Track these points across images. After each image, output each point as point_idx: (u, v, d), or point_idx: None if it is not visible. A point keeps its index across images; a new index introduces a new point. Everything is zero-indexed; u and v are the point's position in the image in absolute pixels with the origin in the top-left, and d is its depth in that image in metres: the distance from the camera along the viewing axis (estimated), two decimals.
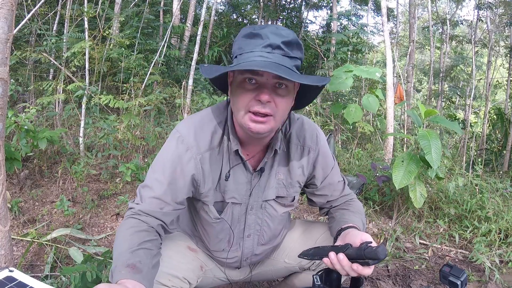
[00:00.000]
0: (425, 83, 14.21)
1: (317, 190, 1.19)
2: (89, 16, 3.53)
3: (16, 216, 2.28)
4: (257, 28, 0.90)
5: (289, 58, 0.89)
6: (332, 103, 5.41)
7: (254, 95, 0.89)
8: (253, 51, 0.88)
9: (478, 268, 2.07)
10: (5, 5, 1.26)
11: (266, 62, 0.86)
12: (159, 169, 1.01)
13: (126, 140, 3.40)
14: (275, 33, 0.88)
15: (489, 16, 7.77)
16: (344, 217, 1.10)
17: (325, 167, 1.15)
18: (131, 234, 0.91)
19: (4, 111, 1.34)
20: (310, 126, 1.12)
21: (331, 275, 1.01)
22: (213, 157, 1.03)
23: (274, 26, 0.90)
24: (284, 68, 0.86)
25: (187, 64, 6.87)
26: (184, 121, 1.06)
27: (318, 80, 0.89)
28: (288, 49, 0.89)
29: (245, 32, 0.91)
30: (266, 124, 0.91)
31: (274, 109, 0.90)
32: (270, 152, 1.05)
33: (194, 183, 1.03)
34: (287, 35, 0.89)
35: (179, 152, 0.99)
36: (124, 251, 0.87)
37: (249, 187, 1.08)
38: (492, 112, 6.75)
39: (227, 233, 1.13)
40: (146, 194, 0.99)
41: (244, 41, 0.91)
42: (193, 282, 1.09)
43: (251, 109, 0.90)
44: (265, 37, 0.88)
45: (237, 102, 0.92)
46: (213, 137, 1.02)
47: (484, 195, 2.62)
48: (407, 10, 9.98)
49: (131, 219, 0.96)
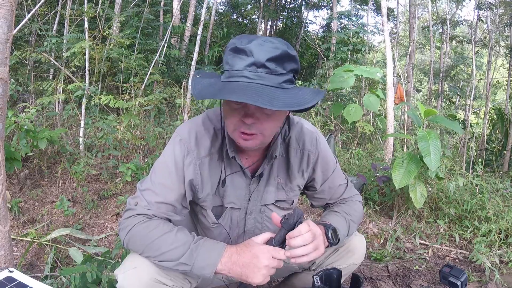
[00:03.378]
0: (425, 83, 14.21)
1: (316, 193, 1.19)
2: (89, 16, 3.53)
3: (16, 216, 2.28)
4: (244, 42, 0.84)
5: (276, 75, 0.83)
6: (332, 103, 5.41)
7: (240, 115, 0.89)
8: (237, 70, 0.84)
9: (478, 268, 2.07)
10: (5, 5, 1.26)
11: (248, 84, 0.82)
12: (163, 172, 1.01)
13: (126, 140, 3.40)
14: (261, 49, 0.82)
15: (489, 16, 7.78)
16: (325, 216, 1.12)
17: (325, 170, 1.15)
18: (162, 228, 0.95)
19: (4, 111, 1.34)
20: (309, 130, 1.12)
21: (331, 275, 1.01)
22: (213, 163, 1.03)
23: (261, 39, 0.84)
24: (268, 89, 0.81)
25: (187, 64, 6.87)
26: (185, 124, 1.06)
27: (306, 101, 0.83)
28: (276, 65, 0.83)
29: (231, 46, 0.86)
30: (254, 140, 0.91)
31: (260, 128, 0.90)
32: (269, 159, 1.05)
33: (192, 188, 1.03)
34: (275, 49, 0.83)
35: (181, 156, 1.00)
36: (180, 239, 0.92)
37: (247, 192, 1.08)
38: (492, 112, 6.75)
39: (225, 237, 1.13)
40: (152, 198, 0.99)
41: (230, 55, 0.86)
42: (193, 282, 1.09)
43: (238, 128, 0.90)
44: (250, 54, 0.82)
45: (227, 119, 0.93)
46: (213, 143, 1.02)
47: (484, 195, 2.62)
48: (407, 10, 9.97)
49: (150, 222, 0.96)
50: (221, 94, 0.81)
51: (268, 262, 0.89)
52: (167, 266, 0.92)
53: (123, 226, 0.98)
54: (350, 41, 7.39)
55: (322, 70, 7.12)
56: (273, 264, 0.90)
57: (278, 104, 0.79)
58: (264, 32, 11.22)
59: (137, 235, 0.94)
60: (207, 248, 0.91)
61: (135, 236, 0.95)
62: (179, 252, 0.90)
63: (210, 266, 0.89)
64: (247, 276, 0.89)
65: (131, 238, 0.95)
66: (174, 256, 0.90)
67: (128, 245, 0.97)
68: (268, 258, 0.89)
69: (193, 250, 0.90)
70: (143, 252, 0.94)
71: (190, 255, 0.90)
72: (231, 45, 0.87)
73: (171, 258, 0.91)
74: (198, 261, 0.90)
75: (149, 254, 0.93)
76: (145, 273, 0.95)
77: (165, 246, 0.91)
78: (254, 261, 0.89)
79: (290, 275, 1.35)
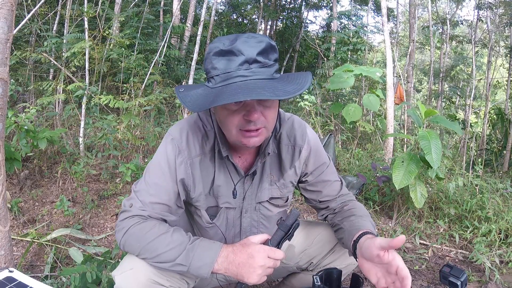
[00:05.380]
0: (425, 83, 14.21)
1: (310, 185, 1.17)
2: (89, 16, 3.53)
3: (16, 216, 2.28)
4: (227, 44, 0.84)
5: (267, 67, 0.85)
6: (332, 103, 5.41)
7: (242, 115, 0.88)
8: (230, 72, 0.83)
9: (478, 268, 2.07)
10: (5, 5, 1.26)
11: (246, 82, 0.82)
12: (157, 172, 1.01)
13: (126, 140, 3.40)
14: (248, 46, 0.83)
15: (489, 16, 7.77)
16: (354, 225, 1.03)
17: (317, 163, 1.14)
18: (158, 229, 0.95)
19: (4, 111, 1.34)
20: (300, 125, 1.12)
21: (331, 275, 1.01)
22: (205, 163, 1.03)
23: (244, 37, 0.85)
24: (266, 82, 0.82)
25: (187, 64, 6.87)
26: (177, 124, 1.06)
27: (298, 86, 0.84)
28: (264, 58, 0.84)
29: (215, 50, 0.85)
30: (259, 136, 0.91)
31: (264, 122, 0.90)
32: (263, 156, 1.05)
33: (184, 188, 1.03)
34: (259, 43, 0.84)
35: (173, 155, 1.00)
36: (176, 240, 0.92)
37: (242, 191, 1.08)
38: (492, 112, 6.75)
39: (221, 237, 1.13)
40: (146, 199, 0.99)
41: (216, 59, 0.85)
42: (191, 282, 1.09)
43: (242, 128, 0.89)
44: (239, 53, 0.82)
45: (226, 123, 0.91)
46: (205, 143, 1.02)
47: (484, 195, 2.62)
48: (407, 10, 9.97)
49: (145, 223, 0.96)
50: (221, 99, 0.79)
51: (264, 262, 0.89)
52: (164, 267, 0.92)
53: (119, 228, 0.98)
54: (350, 41, 7.39)
55: (322, 70, 7.13)
56: (269, 264, 0.90)
57: (282, 93, 0.80)
58: (264, 32, 11.22)
59: (133, 237, 0.94)
60: (203, 248, 0.91)
61: (131, 238, 0.94)
62: (176, 253, 0.90)
63: (207, 266, 0.89)
64: (242, 276, 0.89)
65: (127, 240, 0.95)
66: (171, 257, 0.91)
67: (125, 247, 0.97)
68: (263, 258, 0.89)
69: (190, 251, 0.90)
70: (139, 253, 0.94)
71: (186, 255, 0.90)
72: (213, 49, 0.86)
73: (168, 259, 0.91)
74: (195, 261, 0.90)
75: (145, 256, 0.93)
76: (142, 274, 0.95)
77: (162, 247, 0.91)
78: (250, 261, 0.89)
79: (289, 275, 1.35)
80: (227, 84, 0.83)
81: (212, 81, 0.87)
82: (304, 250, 1.25)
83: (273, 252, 0.91)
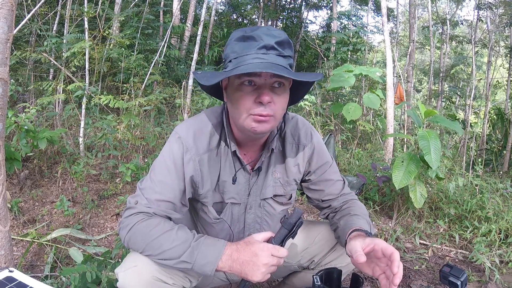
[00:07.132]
0: (425, 83, 14.22)
1: (312, 184, 1.19)
2: (89, 16, 3.53)
3: (16, 216, 2.28)
4: (249, 31, 0.91)
5: (283, 57, 0.90)
6: (332, 103, 5.41)
7: (254, 97, 0.90)
8: (248, 54, 0.89)
9: (478, 268, 2.07)
10: (5, 5, 1.26)
11: (263, 63, 0.87)
12: (163, 170, 1.01)
13: (126, 140, 3.40)
14: (267, 34, 0.89)
15: (489, 16, 7.78)
16: (348, 223, 1.06)
17: (320, 162, 1.16)
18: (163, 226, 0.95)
19: (4, 111, 1.34)
20: (304, 125, 1.14)
21: (331, 275, 1.01)
22: (212, 159, 1.04)
23: (265, 28, 0.91)
24: (281, 67, 0.87)
25: (187, 64, 6.87)
26: (183, 123, 1.08)
27: (313, 76, 0.92)
28: (281, 49, 0.90)
29: (237, 35, 0.92)
30: (268, 123, 0.93)
31: (274, 109, 0.92)
32: (267, 151, 1.07)
33: (193, 185, 1.04)
34: (279, 35, 0.91)
35: (180, 154, 1.01)
36: (181, 237, 0.92)
37: (247, 186, 1.09)
38: (492, 112, 6.75)
39: (227, 233, 1.14)
40: (152, 196, 0.99)
41: (237, 44, 0.91)
42: (194, 280, 1.10)
43: (252, 112, 0.91)
44: (259, 39, 0.89)
45: (237, 105, 0.93)
46: (211, 140, 1.04)
47: (484, 195, 2.62)
48: (407, 10, 9.97)
49: (150, 220, 0.96)
50: (238, 70, 0.84)
51: (268, 260, 0.89)
52: (168, 264, 0.93)
53: (123, 225, 0.98)
54: (350, 41, 7.39)
55: (322, 70, 7.13)
56: (272, 262, 0.90)
57: (296, 76, 0.88)
58: None
59: (137, 234, 0.94)
60: (208, 246, 0.92)
61: (135, 235, 0.95)
62: (180, 250, 0.91)
63: (211, 263, 0.90)
64: (246, 274, 0.89)
65: (131, 237, 0.95)
66: (175, 254, 0.91)
67: (129, 243, 0.97)
68: (267, 256, 0.90)
69: (194, 248, 0.91)
70: (143, 250, 0.94)
71: (191, 253, 0.90)
72: (236, 35, 0.93)
73: (172, 256, 0.91)
74: (199, 259, 0.90)
75: (150, 253, 0.93)
76: (146, 271, 0.95)
77: (166, 245, 0.91)
78: (254, 259, 0.89)
79: (290, 274, 1.35)
80: (244, 63, 0.88)
81: (230, 64, 0.92)
82: (306, 248, 1.25)
83: (277, 250, 0.91)
